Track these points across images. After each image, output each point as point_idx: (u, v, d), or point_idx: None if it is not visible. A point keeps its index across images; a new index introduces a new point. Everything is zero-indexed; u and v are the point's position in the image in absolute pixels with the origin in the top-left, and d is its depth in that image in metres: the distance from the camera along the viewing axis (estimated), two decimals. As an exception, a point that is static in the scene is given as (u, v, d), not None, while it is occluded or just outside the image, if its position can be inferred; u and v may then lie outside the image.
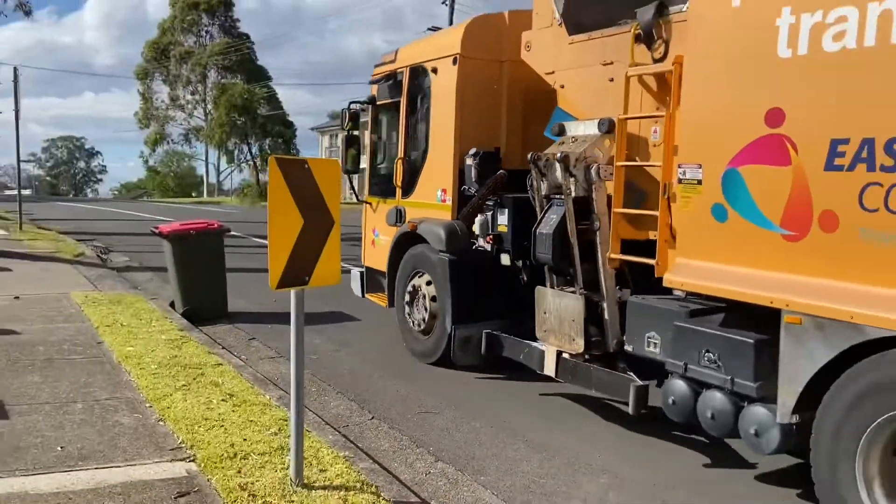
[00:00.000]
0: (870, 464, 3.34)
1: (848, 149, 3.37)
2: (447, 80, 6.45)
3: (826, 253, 3.49)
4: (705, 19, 4.08)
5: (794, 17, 3.58)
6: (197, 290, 8.24)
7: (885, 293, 3.22)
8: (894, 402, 3.21)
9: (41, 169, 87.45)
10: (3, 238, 14.70)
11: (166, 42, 54.13)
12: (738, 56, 3.88)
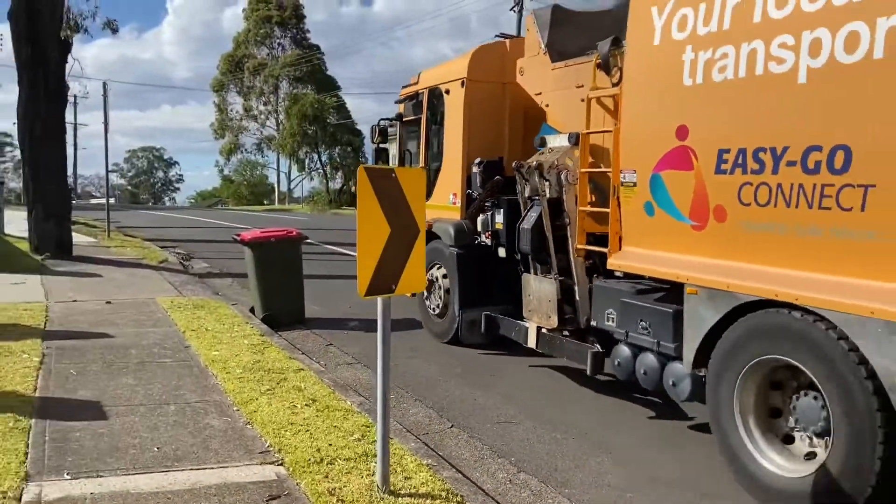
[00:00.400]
0: (743, 403, 4.24)
1: (729, 156, 4.24)
2: (457, 100, 7.45)
3: (718, 239, 4.38)
4: (636, 53, 4.97)
5: (693, 54, 4.46)
6: (276, 296, 8.44)
7: (755, 269, 4.13)
8: (758, 351, 4.10)
9: (123, 178, 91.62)
10: (93, 245, 15.42)
11: (240, 55, 55.97)
12: (657, 83, 4.77)
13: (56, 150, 12.88)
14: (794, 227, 3.92)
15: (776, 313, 3.99)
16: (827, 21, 3.68)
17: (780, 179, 3.96)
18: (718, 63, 4.30)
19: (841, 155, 3.66)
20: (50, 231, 12.64)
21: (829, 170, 3.71)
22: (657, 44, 4.74)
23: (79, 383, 5.37)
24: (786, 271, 3.97)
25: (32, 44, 12.34)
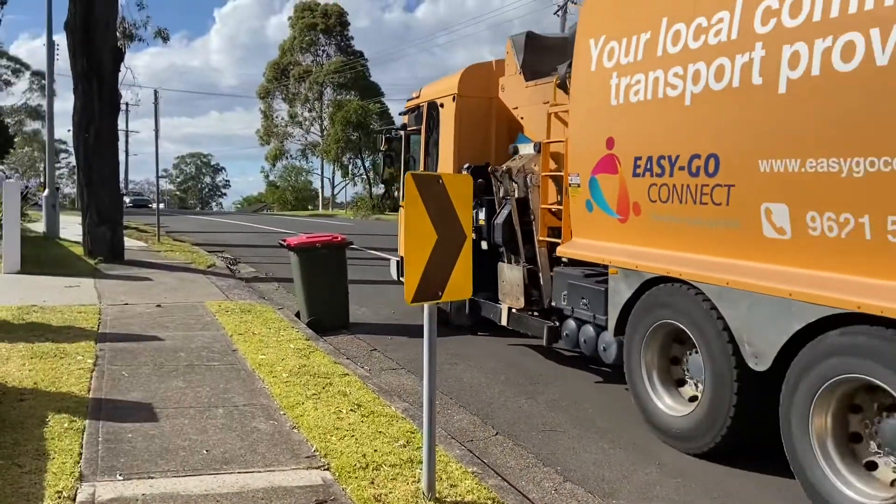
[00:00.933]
0: (648, 360, 5.25)
1: (641, 162, 5.17)
2: (449, 113, 8.41)
3: (636, 229, 5.32)
4: (578, 77, 5.96)
5: (617, 79, 5.40)
6: (321, 300, 8.52)
7: (658, 252, 5.09)
8: (657, 317, 5.13)
9: (172, 184, 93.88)
10: (144, 249, 15.81)
11: (286, 62, 56.94)
12: (593, 102, 5.74)
13: (109, 158, 13.25)
14: (684, 218, 4.86)
15: (670, 287, 5.01)
16: (704, 56, 4.62)
17: (674, 181, 4.90)
18: (634, 87, 5.26)
19: (713, 161, 4.59)
20: (103, 236, 13.01)
21: (706, 173, 4.64)
22: (593, 70, 5.71)
23: (130, 385, 5.49)
24: (678, 254, 4.94)
25: (88, 55, 12.73)
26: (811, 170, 3.91)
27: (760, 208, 4.25)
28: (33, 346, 6.42)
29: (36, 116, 56.93)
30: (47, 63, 18.76)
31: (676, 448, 4.89)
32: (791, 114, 4.07)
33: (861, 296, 3.67)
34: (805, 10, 3.97)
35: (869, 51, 3.62)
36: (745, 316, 4.37)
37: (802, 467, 3.98)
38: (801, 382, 3.99)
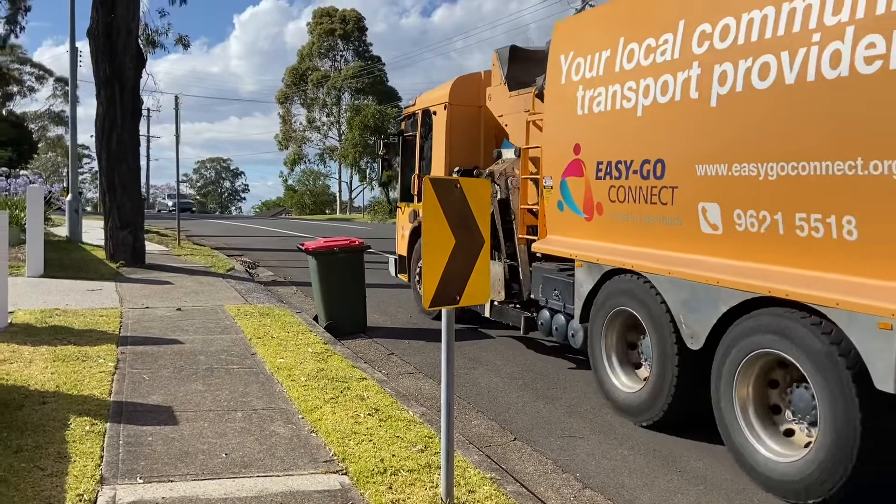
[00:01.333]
0: (608, 343, 5.89)
1: (603, 167, 5.79)
2: (441, 120, 9.07)
3: (599, 227, 5.92)
4: (551, 89, 6.56)
5: (583, 91, 6.00)
6: (338, 304, 8.54)
7: (617, 247, 5.70)
8: (614, 304, 5.75)
9: (192, 188, 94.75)
10: (164, 253, 15.96)
11: (304, 68, 57.30)
12: (563, 111, 6.31)
13: (131, 164, 13.38)
14: (637, 216, 5.44)
15: (625, 277, 5.60)
16: (652, 73, 5.22)
17: (629, 183, 5.50)
18: (596, 99, 5.86)
19: (660, 166, 5.18)
20: (124, 240, 13.14)
21: (654, 176, 5.23)
22: (563, 83, 6.31)
23: (151, 388, 5.53)
24: (633, 248, 5.53)
25: (110, 61, 12.88)
26: (737, 173, 4.51)
27: (698, 207, 4.84)
28: (56, 350, 6.49)
29: (59, 122, 57.76)
30: (70, 69, 19.02)
31: (630, 420, 5.56)
32: (720, 124, 4.65)
33: (771, 281, 4.25)
34: (732, 34, 4.59)
35: (780, 71, 4.23)
36: (683, 301, 4.99)
37: (728, 432, 4.60)
38: (726, 358, 4.59)
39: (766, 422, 4.45)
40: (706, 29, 4.78)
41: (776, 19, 4.27)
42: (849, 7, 3.87)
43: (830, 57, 3.94)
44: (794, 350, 4.09)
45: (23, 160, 38.28)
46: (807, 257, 4.11)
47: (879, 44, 3.72)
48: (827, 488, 3.92)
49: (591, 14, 6.91)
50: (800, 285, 4.08)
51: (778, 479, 4.20)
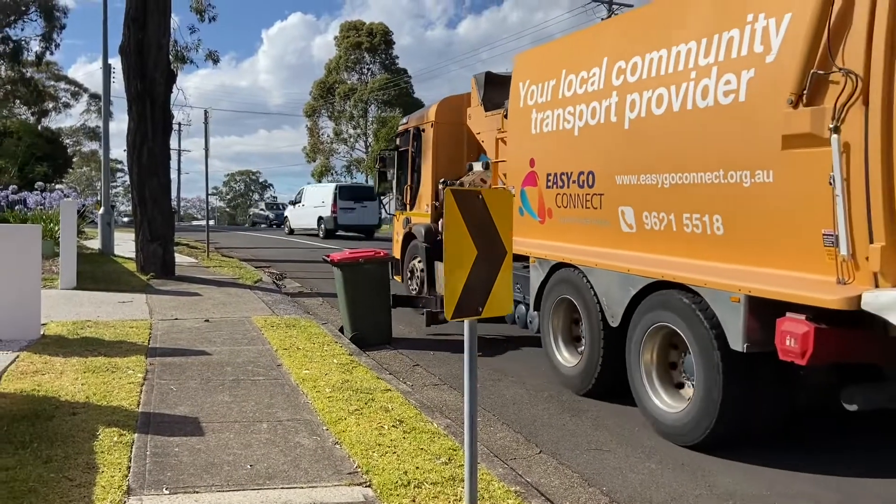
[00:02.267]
0: (554, 325, 6.91)
1: (551, 178, 6.83)
2: (429, 136, 10.40)
3: (550, 229, 6.95)
4: (512, 111, 7.71)
5: (535, 114, 7.08)
6: (363, 315, 8.56)
7: (563, 245, 6.69)
8: (558, 293, 6.79)
9: (222, 201, 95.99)
10: (194, 265, 16.17)
11: (332, 81, 57.84)
12: (521, 131, 7.41)
13: (161, 178, 13.61)
14: (577, 218, 6.49)
15: (566, 270, 6.61)
16: (584, 100, 6.31)
17: (571, 191, 6.54)
18: (545, 120, 6.88)
19: (591, 176, 6.24)
20: (155, 252, 13.34)
21: (587, 185, 6.28)
22: (521, 106, 7.37)
23: (178, 399, 5.59)
24: (573, 245, 6.56)
25: (141, 77, 13.14)
26: (643, 182, 5.58)
27: (618, 210, 5.90)
28: (87, 361, 6.60)
29: (93, 137, 58.99)
30: (103, 86, 19.44)
31: (569, 390, 6.56)
32: (631, 143, 5.73)
33: (664, 268, 5.30)
34: (638, 69, 5.66)
35: (670, 101, 5.28)
36: (605, 287, 6.01)
37: (637, 392, 5.63)
38: (635, 331, 5.62)
39: (665, 381, 5.49)
40: (621, 65, 5.86)
41: (668, 59, 5.35)
42: (714, 51, 4.93)
43: (702, 90, 5.01)
44: (678, 322, 5.14)
45: (58, 174, 39.14)
46: (691, 248, 5.17)
47: (733, 81, 4.75)
48: (699, 434, 4.98)
49: (543, 49, 7.87)
50: (683, 270, 5.10)
51: (669, 426, 5.27)
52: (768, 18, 4.56)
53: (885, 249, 3.92)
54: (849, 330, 4.29)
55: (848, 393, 4.47)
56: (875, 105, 3.95)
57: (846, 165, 4.04)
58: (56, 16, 36.27)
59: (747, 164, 4.64)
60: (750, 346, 4.57)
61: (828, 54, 4.14)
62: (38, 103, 42.08)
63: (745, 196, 4.66)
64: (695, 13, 5.24)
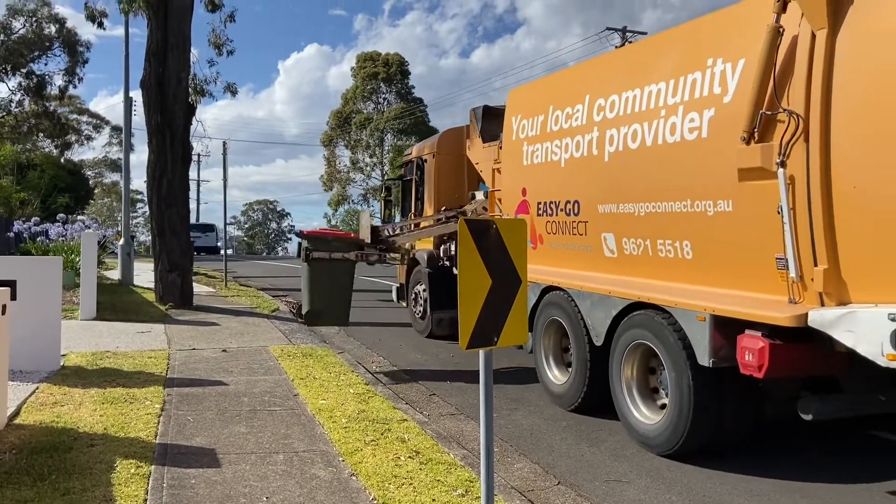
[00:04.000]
0: (545, 344, 7.28)
1: (541, 206, 7.27)
2: (431, 166, 10.94)
3: (541, 254, 7.34)
4: (506, 144, 8.16)
5: (527, 147, 7.54)
6: (324, 294, 8.76)
7: (552, 269, 7.11)
8: (548, 315, 7.17)
9: (240, 230, 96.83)
10: (211, 295, 16.29)
11: (348, 111, 58.49)
12: (514, 162, 7.86)
13: (180, 209, 13.79)
14: (565, 244, 6.97)
15: (555, 293, 6.98)
16: (570, 134, 6.74)
17: (559, 219, 6.98)
18: (535, 153, 7.33)
19: (577, 205, 6.69)
20: (173, 282, 13.47)
21: (573, 214, 6.73)
22: (513, 139, 7.87)
23: (195, 430, 5.59)
24: (561, 270, 7.00)
25: (161, 110, 13.40)
26: (622, 211, 6.02)
27: (601, 237, 6.35)
28: (105, 392, 6.64)
29: (115, 169, 59.91)
30: (124, 119, 19.83)
31: (558, 406, 6.94)
32: (611, 174, 6.18)
33: (641, 290, 5.71)
34: (617, 106, 6.11)
35: (643, 136, 5.73)
36: (590, 309, 6.39)
37: (620, 406, 6.00)
38: (616, 349, 6.00)
39: (644, 395, 5.85)
40: (601, 102, 6.31)
41: (641, 98, 5.79)
42: (680, 92, 5.38)
43: (670, 127, 5.44)
44: (654, 340, 5.52)
45: (79, 206, 39.78)
46: (665, 272, 5.60)
47: (696, 119, 5.20)
48: (674, 443, 5.33)
49: (532, 86, 8.38)
50: (658, 292, 5.51)
51: (648, 436, 5.62)
52: (725, 63, 5.02)
53: (828, 272, 4.30)
54: (801, 345, 4.61)
55: (804, 403, 4.81)
56: (815, 142, 4.33)
57: (792, 196, 4.45)
58: (79, 51, 37.20)
59: (710, 194, 5.09)
60: (716, 362, 4.92)
61: (774, 96, 4.56)
62: (60, 136, 42.90)
63: (709, 223, 5.10)
64: (664, 56, 5.75)
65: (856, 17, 4.19)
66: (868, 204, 4.12)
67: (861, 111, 4.15)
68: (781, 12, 4.52)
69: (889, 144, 4.00)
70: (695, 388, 5.13)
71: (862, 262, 4.20)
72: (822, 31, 4.31)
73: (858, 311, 4.15)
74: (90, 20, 16.00)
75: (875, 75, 4.09)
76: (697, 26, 5.58)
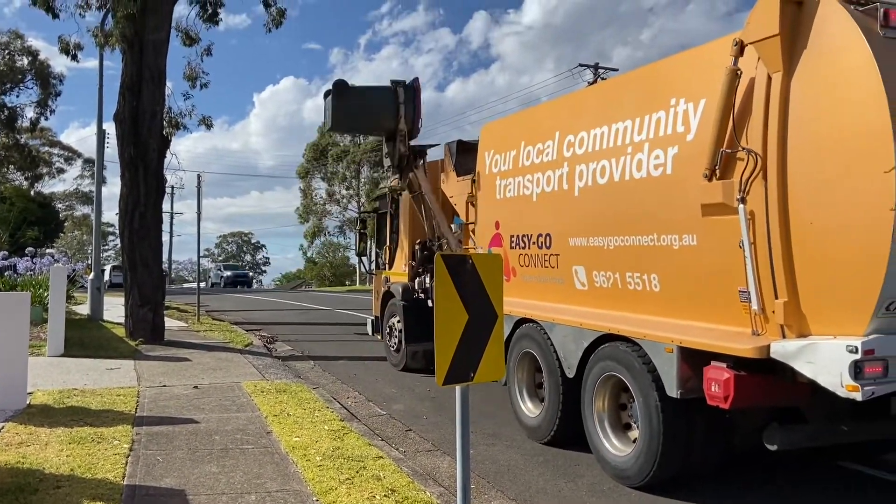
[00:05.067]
0: (518, 376, 7.29)
1: (514, 239, 7.41)
2: (406, 199, 10.77)
3: (514, 286, 7.32)
4: (480, 178, 8.32)
5: (499, 181, 7.70)
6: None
7: (525, 301, 7.18)
8: (521, 347, 7.18)
9: (214, 263, 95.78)
10: (184, 329, 16.03)
11: (325, 143, 58.58)
12: (487, 195, 8.05)
13: (153, 242, 13.63)
14: (537, 277, 7.05)
15: (528, 325, 7.01)
16: (541, 169, 6.90)
17: (531, 252, 7.10)
18: (508, 187, 7.50)
19: (548, 238, 6.82)
20: (144, 317, 13.24)
21: (545, 247, 6.84)
22: (487, 173, 8.02)
23: (165, 471, 5.46)
24: (534, 302, 7.07)
25: (135, 144, 13.29)
26: (593, 244, 6.16)
27: (572, 269, 6.46)
28: (72, 431, 6.46)
29: (86, 201, 59.27)
30: (97, 151, 19.66)
31: (532, 439, 6.93)
32: (581, 209, 6.35)
33: (611, 322, 5.78)
34: (585, 143, 6.26)
35: (611, 172, 5.87)
36: (562, 341, 6.44)
37: (591, 438, 6.03)
38: (588, 381, 6.04)
39: (615, 427, 5.89)
40: (571, 139, 6.45)
41: (609, 135, 5.94)
42: (645, 129, 5.53)
43: (637, 163, 5.59)
44: (624, 371, 5.57)
45: (49, 239, 39.18)
46: (634, 304, 5.68)
47: (661, 156, 5.35)
48: (644, 475, 5.36)
49: (504, 121, 8.53)
50: (627, 324, 5.60)
51: (619, 469, 5.65)
52: (688, 103, 5.18)
53: (788, 304, 4.42)
54: (765, 376, 4.68)
55: (769, 434, 4.85)
56: (772, 179, 4.47)
57: (752, 231, 4.58)
58: (52, 83, 36.98)
59: (676, 228, 5.23)
60: (683, 393, 5.00)
61: (734, 135, 4.71)
62: (31, 169, 42.41)
63: (675, 257, 5.24)
64: (630, 95, 5.92)
65: (809, 61, 4.36)
66: (824, 239, 4.23)
67: (815, 150, 4.29)
68: (739, 56, 4.68)
69: (841, 182, 4.14)
70: (664, 419, 5.18)
71: (820, 295, 4.30)
72: (777, 73, 4.47)
73: (818, 342, 4.24)
74: (64, 53, 16.00)
75: (827, 116, 4.24)
76: (661, 67, 5.75)
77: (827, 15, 4.28)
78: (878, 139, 3.95)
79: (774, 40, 4.40)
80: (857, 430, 5.05)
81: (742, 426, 5.23)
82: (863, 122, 4.04)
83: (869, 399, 4.07)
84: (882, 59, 3.99)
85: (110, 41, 13.67)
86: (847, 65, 4.16)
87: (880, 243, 3.94)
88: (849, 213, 4.11)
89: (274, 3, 16.20)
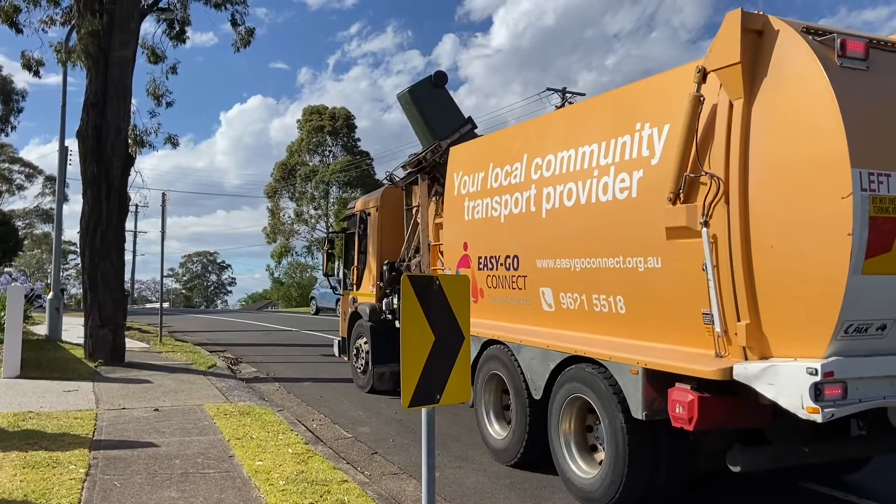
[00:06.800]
0: (485, 398, 7.33)
1: (482, 260, 7.41)
2: (374, 220, 10.93)
3: (482, 307, 7.39)
4: (447, 199, 8.35)
5: (467, 202, 7.73)
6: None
7: (492, 323, 7.23)
8: (489, 369, 7.21)
9: (178, 283, 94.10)
10: (145, 350, 15.68)
11: (293, 163, 58.33)
12: (455, 217, 8.07)
13: (115, 261, 13.33)
14: (505, 298, 7.06)
15: (495, 347, 7.04)
16: (509, 191, 6.95)
17: (499, 273, 7.11)
18: (476, 208, 7.52)
19: (516, 260, 6.84)
20: (105, 338, 12.92)
21: (513, 268, 6.86)
22: (455, 195, 8.01)
23: (122, 496, 5.30)
24: (501, 323, 7.11)
25: (98, 161, 13.05)
26: (560, 266, 6.18)
27: (539, 291, 6.47)
28: (26, 456, 6.25)
29: (47, 219, 57.93)
30: (59, 168, 19.29)
31: (499, 461, 6.94)
32: (548, 230, 6.35)
33: (577, 344, 5.81)
34: (552, 166, 6.31)
35: (578, 194, 5.93)
36: (528, 362, 6.46)
37: (558, 460, 6.03)
38: (554, 402, 6.05)
39: (581, 449, 5.91)
40: (538, 161, 6.52)
41: (575, 158, 6.01)
42: (611, 153, 5.59)
43: (603, 186, 5.65)
44: (590, 393, 5.58)
45: (7, 257, 38.18)
46: (601, 326, 5.73)
47: (627, 179, 5.41)
48: (610, 497, 5.34)
49: (473, 143, 8.46)
50: (593, 346, 5.64)
51: (585, 491, 5.63)
52: (652, 128, 5.26)
53: (750, 326, 4.48)
54: (729, 398, 4.72)
55: (732, 455, 4.88)
56: (734, 203, 4.55)
57: (715, 254, 4.64)
58: (14, 98, 36.31)
59: (641, 251, 5.28)
60: (649, 414, 5.02)
61: (697, 160, 4.78)
62: (-10, 185, 41.39)
63: (640, 279, 5.28)
64: (597, 119, 5.99)
65: (769, 89, 4.46)
66: (784, 262, 4.31)
67: (775, 175, 4.38)
68: (702, 82, 4.78)
69: (800, 207, 4.23)
70: (630, 440, 5.19)
71: (781, 317, 4.37)
72: (738, 100, 4.57)
73: (779, 364, 4.30)
74: (26, 69, 15.71)
75: (787, 142, 4.34)
76: (627, 92, 5.80)
77: (786, 45, 4.40)
78: (835, 165, 4.04)
79: (736, 68, 4.50)
80: (819, 452, 5.10)
81: (706, 448, 5.26)
82: (821, 149, 4.14)
83: (829, 421, 4.13)
84: (839, 87, 4.10)
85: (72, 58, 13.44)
86: (806, 93, 4.27)
87: (839, 268, 4.02)
88: (808, 237, 4.19)
89: (242, 22, 16.22)
